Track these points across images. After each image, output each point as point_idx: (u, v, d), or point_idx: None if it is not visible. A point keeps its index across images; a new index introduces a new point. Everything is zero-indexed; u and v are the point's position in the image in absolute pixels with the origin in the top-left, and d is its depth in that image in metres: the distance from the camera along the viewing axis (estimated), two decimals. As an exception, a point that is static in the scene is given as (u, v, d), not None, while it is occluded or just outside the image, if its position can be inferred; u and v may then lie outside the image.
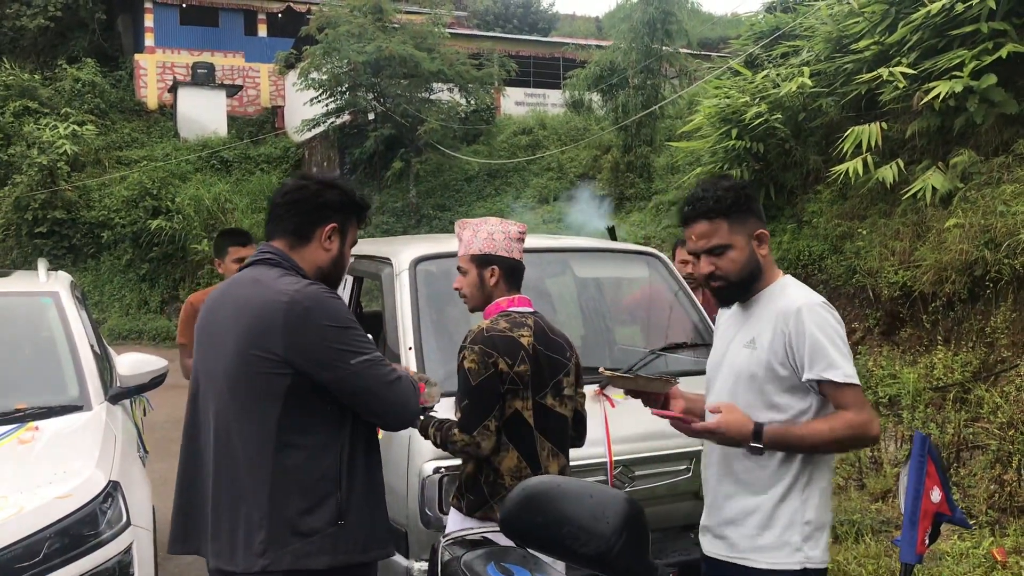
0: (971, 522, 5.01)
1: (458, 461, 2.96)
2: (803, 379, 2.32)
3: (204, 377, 2.44)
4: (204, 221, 18.72)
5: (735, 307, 2.56)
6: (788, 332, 2.35)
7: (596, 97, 18.00)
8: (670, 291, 4.77)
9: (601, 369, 2.41)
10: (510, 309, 2.86)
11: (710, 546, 2.52)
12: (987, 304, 6.15)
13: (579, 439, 3.09)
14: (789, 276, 2.54)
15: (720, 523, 2.47)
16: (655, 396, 2.54)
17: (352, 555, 2.37)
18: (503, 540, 2.33)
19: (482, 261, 2.88)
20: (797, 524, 2.36)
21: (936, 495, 1.93)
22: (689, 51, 17.41)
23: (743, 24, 12.40)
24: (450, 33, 20.93)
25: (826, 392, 2.32)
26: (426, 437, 2.91)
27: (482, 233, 2.89)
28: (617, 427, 3.72)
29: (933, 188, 6.79)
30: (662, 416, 2.38)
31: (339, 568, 2.34)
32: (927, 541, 1.95)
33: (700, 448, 3.87)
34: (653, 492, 3.76)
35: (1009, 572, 4.36)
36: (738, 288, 2.46)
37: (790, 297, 2.43)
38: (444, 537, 2.55)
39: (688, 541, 3.84)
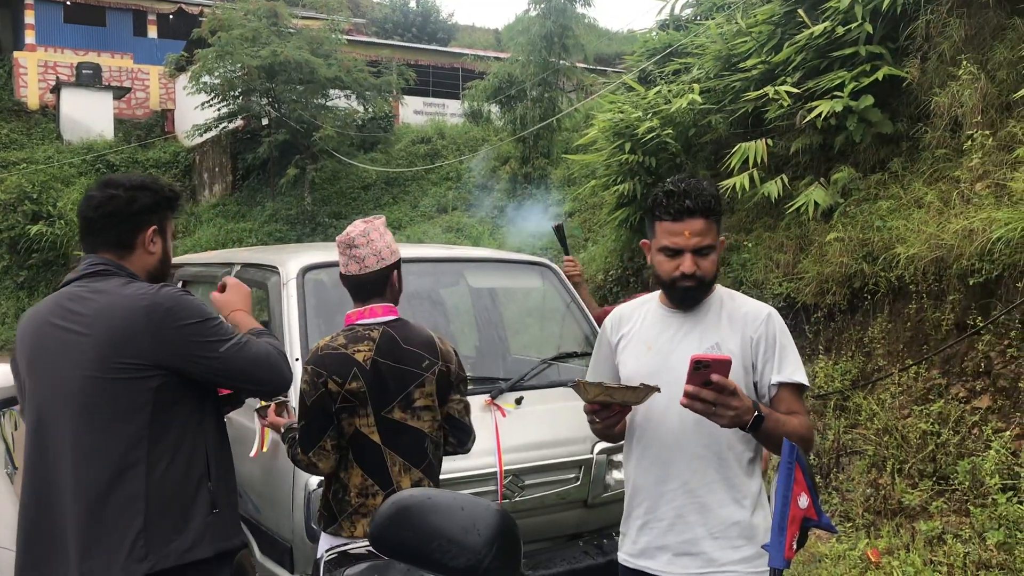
0: (848, 525, 5.21)
1: None
2: (772, 381, 2.34)
3: (48, 403, 2.32)
4: (88, 228, 18.00)
5: (661, 311, 2.49)
6: (756, 336, 2.37)
7: (495, 108, 18.10)
8: (562, 301, 4.81)
9: (575, 381, 2.28)
10: (357, 322, 2.79)
11: (671, 566, 2.38)
12: (865, 315, 6.41)
13: (460, 446, 3.02)
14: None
15: (691, 539, 2.36)
16: (621, 409, 2.35)
17: (226, 542, 2.41)
18: (387, 553, 2.30)
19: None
20: (767, 531, 2.29)
21: (804, 501, 1.98)
22: (585, 65, 17.68)
23: (637, 41, 12.63)
24: (348, 40, 20.72)
25: (783, 397, 2.34)
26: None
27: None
28: (507, 437, 3.72)
29: (815, 203, 7.03)
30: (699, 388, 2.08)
31: (214, 558, 2.36)
32: (795, 546, 1.99)
33: (589, 456, 3.93)
34: (543, 501, 3.77)
35: (882, 572, 4.54)
36: (705, 290, 2.42)
37: (750, 303, 2.46)
38: (327, 552, 2.51)
39: (576, 549, 3.86)
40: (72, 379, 2.27)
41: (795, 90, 7.32)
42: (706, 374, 2.05)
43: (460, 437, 3.01)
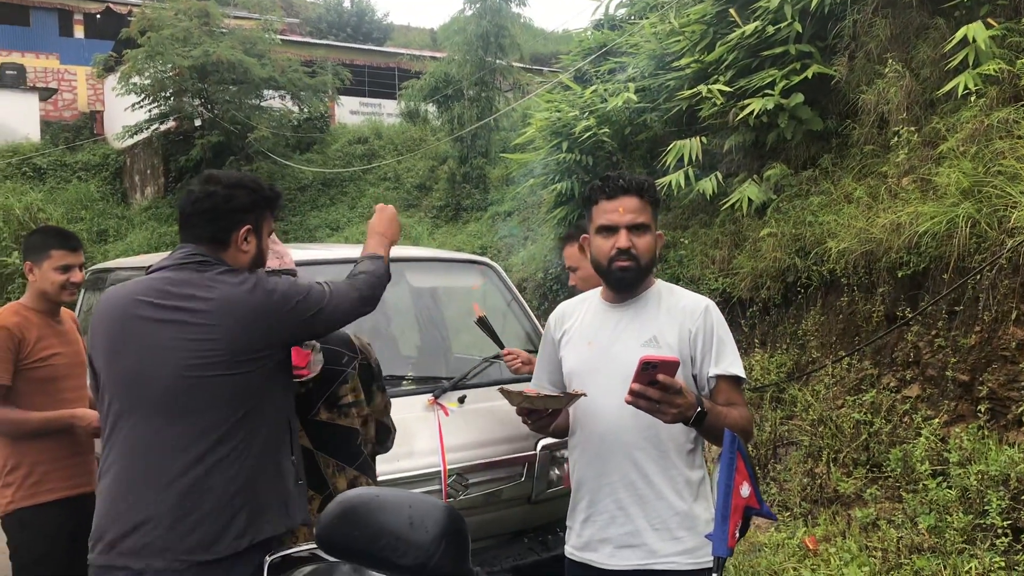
0: (786, 514, 5.32)
1: None
2: (710, 374, 2.37)
3: (146, 384, 2.29)
4: (15, 232, 17.45)
5: (600, 306, 2.53)
6: (695, 329, 2.39)
7: (432, 108, 18.05)
8: (503, 300, 4.83)
9: (501, 387, 2.34)
10: None
11: (613, 559, 2.40)
12: (799, 308, 6.54)
13: (379, 445, 3.00)
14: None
15: (632, 531, 2.38)
16: (548, 413, 2.41)
17: (304, 514, 2.48)
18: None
19: None
20: (711, 522, 2.32)
21: (745, 490, 2.02)
22: (522, 65, 17.73)
23: (573, 40, 12.70)
24: (281, 40, 20.47)
25: (722, 389, 2.38)
26: None
27: None
28: (450, 436, 3.73)
29: (749, 199, 7.15)
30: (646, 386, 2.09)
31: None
32: (737, 535, 2.04)
33: (532, 453, 3.95)
34: (487, 499, 3.78)
35: (820, 559, 4.65)
36: (640, 274, 2.43)
37: (689, 296, 2.48)
38: (270, 555, 2.48)
39: (522, 546, 3.88)
40: (186, 364, 2.26)
41: (727, 88, 7.43)
42: (653, 374, 2.07)
43: (379, 435, 3.00)
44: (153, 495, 2.26)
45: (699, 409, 2.18)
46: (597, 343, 2.47)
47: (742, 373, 2.42)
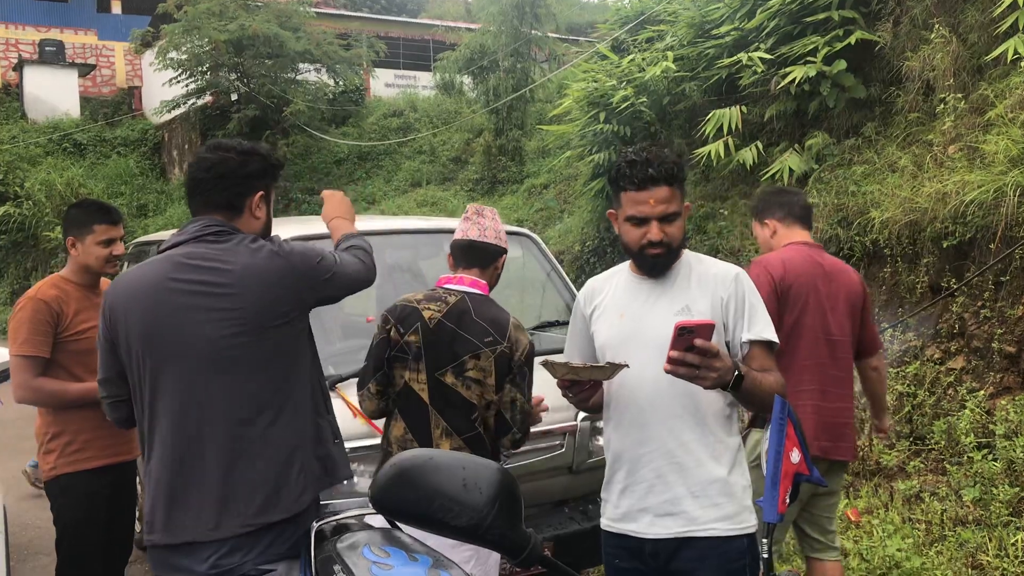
0: (827, 486, 5.28)
1: None
2: (743, 339, 2.38)
3: (186, 361, 2.30)
4: (56, 207, 17.75)
5: (631, 279, 2.52)
6: (726, 296, 2.40)
7: (467, 80, 17.97)
8: (543, 271, 4.82)
9: (544, 359, 2.36)
10: (443, 285, 2.97)
11: (653, 527, 2.40)
12: (840, 279, 6.46)
13: (501, 436, 3.00)
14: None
15: (672, 499, 2.38)
16: (593, 384, 2.41)
17: (346, 468, 2.55)
18: (379, 522, 2.31)
19: None
20: (747, 488, 2.42)
21: (795, 456, 2.01)
22: (558, 35, 17.58)
23: (609, 9, 12.57)
24: (316, 12, 20.47)
25: (755, 355, 2.38)
26: None
27: None
28: (491, 406, 3.73)
29: (790, 169, 7.06)
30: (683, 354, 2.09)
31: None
32: (787, 500, 2.02)
33: (573, 424, 3.95)
34: (529, 468, 3.79)
35: (862, 531, 4.62)
36: (673, 256, 2.43)
37: (719, 265, 2.49)
38: (318, 521, 2.51)
39: (563, 516, 3.90)
40: (220, 336, 2.28)
41: (768, 56, 7.33)
42: (690, 339, 2.06)
43: (498, 426, 3.00)
44: (201, 469, 2.29)
45: (736, 373, 2.17)
46: (629, 315, 2.48)
47: (775, 338, 2.42)
